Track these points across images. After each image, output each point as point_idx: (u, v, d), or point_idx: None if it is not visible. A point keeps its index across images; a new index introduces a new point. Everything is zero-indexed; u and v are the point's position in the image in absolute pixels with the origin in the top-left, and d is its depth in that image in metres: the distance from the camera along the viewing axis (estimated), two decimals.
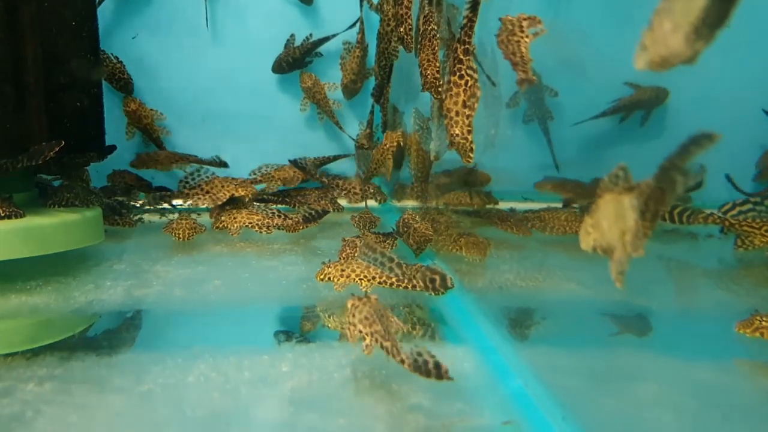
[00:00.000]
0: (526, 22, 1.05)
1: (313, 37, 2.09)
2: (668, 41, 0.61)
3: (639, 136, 2.17)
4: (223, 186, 1.71)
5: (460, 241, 1.43)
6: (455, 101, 1.06)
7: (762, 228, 1.47)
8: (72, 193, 1.41)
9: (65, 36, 1.32)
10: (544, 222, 1.68)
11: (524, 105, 2.12)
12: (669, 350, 0.98)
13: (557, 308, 1.16)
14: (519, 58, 1.03)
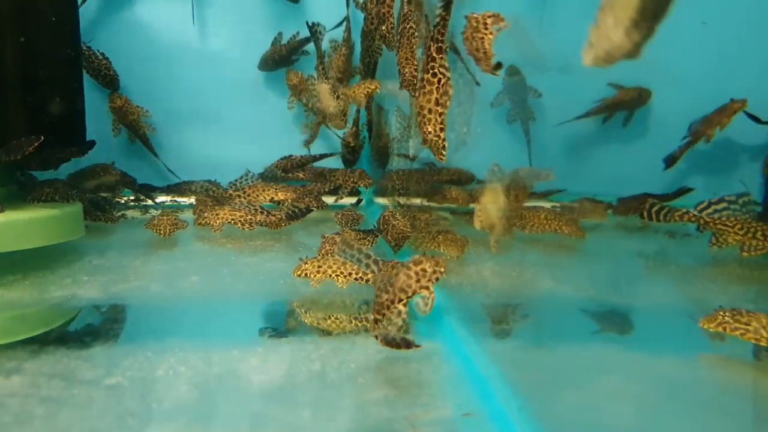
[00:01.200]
0: (490, 19, 1.06)
1: (300, 35, 2.10)
2: (611, 36, 0.63)
3: (622, 136, 2.18)
4: (264, 190, 1.74)
5: (438, 238, 1.44)
6: (428, 99, 1.07)
7: (735, 226, 1.48)
8: (52, 189, 1.42)
9: (45, 32, 1.32)
10: (524, 220, 1.69)
11: (508, 105, 2.13)
12: (637, 345, 0.99)
13: (529, 304, 1.17)
14: (482, 54, 1.04)
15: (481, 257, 1.40)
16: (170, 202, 2.03)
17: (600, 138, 2.21)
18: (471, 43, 1.05)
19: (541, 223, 1.66)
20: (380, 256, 1.36)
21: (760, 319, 0.96)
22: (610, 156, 2.21)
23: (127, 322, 1.02)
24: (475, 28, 1.05)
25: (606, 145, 2.21)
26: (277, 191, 1.77)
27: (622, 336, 1.04)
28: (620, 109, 2.12)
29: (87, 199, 1.61)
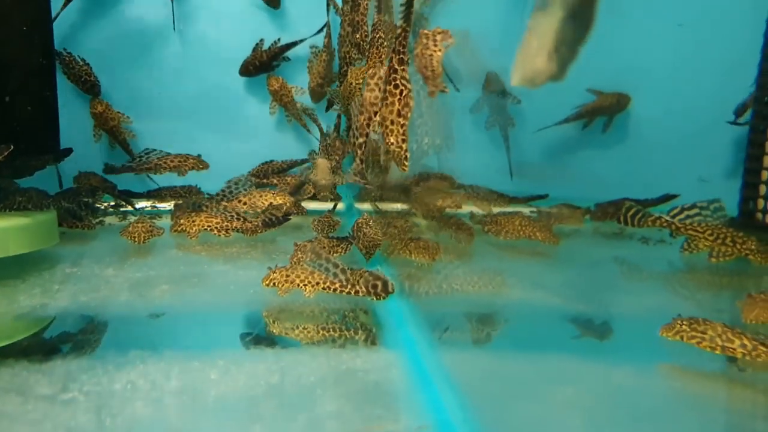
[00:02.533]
0: (439, 36, 1.07)
1: (281, 41, 2.10)
2: (535, 60, 0.64)
3: (601, 142, 2.20)
4: (261, 196, 1.75)
5: (410, 245, 1.45)
6: (390, 110, 1.08)
7: (706, 232, 1.50)
8: (25, 197, 1.42)
9: (16, 41, 1.32)
10: (499, 226, 1.70)
11: (487, 111, 2.14)
12: (597, 355, 1.00)
13: (495, 313, 1.18)
14: (430, 71, 1.05)
15: (452, 264, 1.41)
16: (150, 207, 2.04)
17: (580, 143, 2.22)
18: (420, 60, 1.06)
19: (515, 229, 1.67)
20: (353, 263, 1.39)
21: (716, 328, 0.97)
22: (590, 161, 2.22)
23: (92, 334, 1.03)
24: (425, 45, 1.06)
25: (586, 151, 2.22)
26: (275, 196, 1.77)
27: (583, 345, 1.05)
28: (599, 114, 2.13)
29: (63, 207, 1.61)
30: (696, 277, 1.45)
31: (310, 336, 1.04)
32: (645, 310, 1.20)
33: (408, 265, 1.41)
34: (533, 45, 0.66)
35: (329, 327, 1.07)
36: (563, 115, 2.13)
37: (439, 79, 1.06)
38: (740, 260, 1.48)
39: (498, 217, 1.74)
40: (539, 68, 0.65)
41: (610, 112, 2.13)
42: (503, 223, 1.70)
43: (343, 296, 1.13)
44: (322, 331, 1.06)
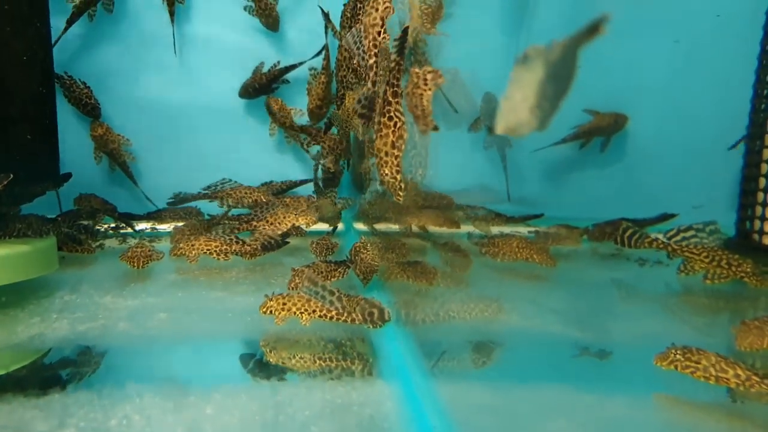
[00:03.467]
0: (429, 75, 1.08)
1: (281, 64, 2.12)
2: (518, 111, 0.66)
3: (599, 162, 2.21)
4: (285, 217, 1.74)
5: (408, 270, 1.46)
6: (385, 142, 1.09)
7: (702, 254, 1.50)
8: (24, 224, 1.43)
9: (16, 70, 1.34)
10: (497, 248, 1.71)
11: (485, 131, 2.16)
12: (590, 384, 1.00)
13: (492, 342, 1.18)
14: (420, 111, 1.06)
15: (449, 289, 1.41)
16: (150, 229, 2.05)
17: (577, 163, 2.23)
18: (410, 99, 1.08)
19: (512, 251, 1.68)
20: (351, 288, 1.39)
21: (710, 358, 0.97)
22: (587, 181, 2.23)
23: (89, 366, 1.03)
24: (416, 84, 1.07)
25: (583, 171, 2.23)
26: (298, 217, 1.78)
27: (579, 375, 1.05)
28: (597, 135, 2.14)
29: (63, 233, 1.62)
30: (692, 300, 1.45)
31: (307, 366, 1.04)
32: (641, 337, 1.20)
33: (405, 290, 1.42)
34: (516, 97, 0.67)
35: (326, 357, 1.07)
36: (560, 136, 2.13)
37: (430, 117, 1.07)
38: (737, 282, 1.48)
39: (495, 239, 1.75)
40: (522, 121, 0.67)
41: (608, 132, 2.14)
42: (500, 245, 1.71)
43: (340, 324, 1.14)
44: (318, 361, 1.06)
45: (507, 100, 0.69)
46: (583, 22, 2.05)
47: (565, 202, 2.20)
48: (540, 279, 1.59)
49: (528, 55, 0.68)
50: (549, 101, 0.64)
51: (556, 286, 1.55)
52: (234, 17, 2.12)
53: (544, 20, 2.11)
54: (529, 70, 0.65)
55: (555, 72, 0.63)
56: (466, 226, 2.04)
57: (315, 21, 2.09)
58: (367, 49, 1.23)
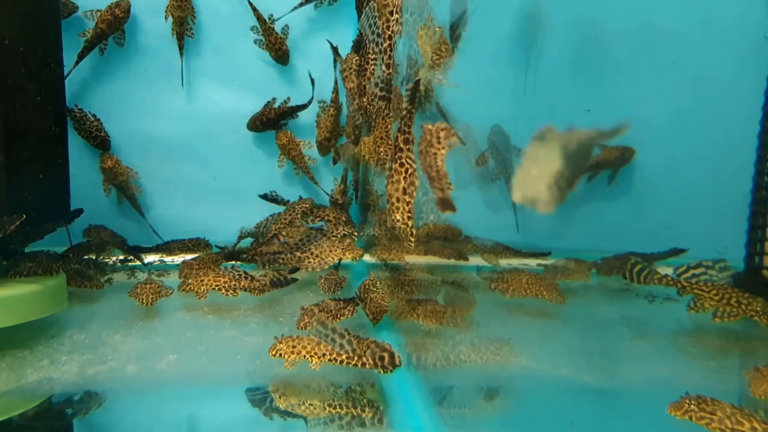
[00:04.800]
0: (443, 132, 1.09)
1: (291, 102, 2.14)
2: (533, 186, 0.66)
3: (607, 195, 2.21)
4: (331, 250, 1.73)
5: (418, 309, 1.45)
6: (396, 188, 1.09)
7: (711, 292, 1.50)
8: (34, 262, 1.44)
9: (29, 111, 1.35)
10: (506, 283, 1.70)
11: (492, 163, 2.16)
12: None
13: (502, 387, 1.17)
14: (435, 172, 1.06)
15: (459, 330, 1.41)
16: (158, 262, 2.05)
17: (585, 196, 2.22)
18: (424, 158, 1.08)
19: (522, 287, 1.68)
20: (360, 326, 1.39)
21: (725, 409, 0.96)
22: (596, 213, 2.23)
23: (96, 413, 1.03)
24: (429, 142, 1.08)
25: (591, 203, 2.23)
26: (345, 251, 1.77)
27: (588, 424, 1.04)
28: (604, 168, 2.14)
29: (72, 269, 1.62)
30: (704, 340, 1.44)
31: (316, 413, 1.04)
32: (653, 381, 1.19)
33: (415, 330, 1.42)
34: (532, 172, 0.68)
35: (335, 404, 1.07)
36: None
37: (446, 179, 1.07)
38: (748, 321, 1.47)
39: (505, 274, 1.74)
40: (537, 198, 0.68)
41: (615, 165, 2.14)
42: (510, 280, 1.70)
43: (350, 368, 1.13)
44: (328, 408, 1.05)
45: (523, 173, 0.69)
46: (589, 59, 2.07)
47: (574, 235, 2.20)
48: (550, 317, 1.58)
49: (546, 136, 0.68)
50: (564, 181, 0.64)
51: (566, 325, 1.54)
52: (244, 51, 2.14)
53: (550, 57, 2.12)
54: (546, 149, 0.66)
55: (570, 159, 0.64)
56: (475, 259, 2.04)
57: (324, 55, 2.11)
58: (382, 31, 1.24)
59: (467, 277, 1.86)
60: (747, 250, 1.84)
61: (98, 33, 2.01)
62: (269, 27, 2.09)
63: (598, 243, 2.12)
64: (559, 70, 2.13)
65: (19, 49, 1.32)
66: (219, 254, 1.88)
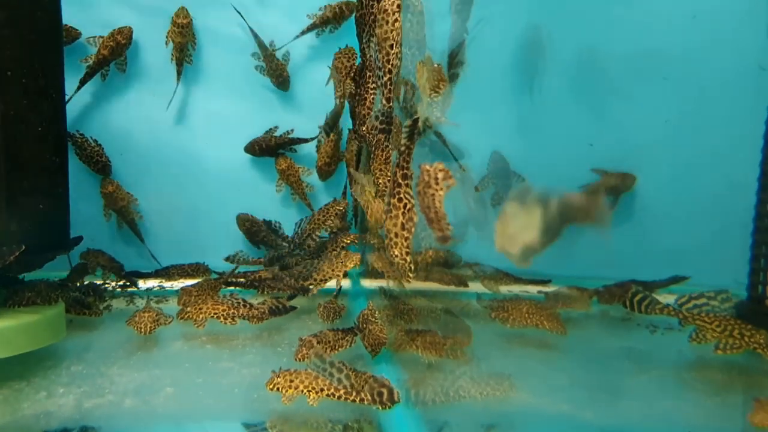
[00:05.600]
0: (441, 173, 1.09)
1: (294, 133, 2.15)
2: (510, 241, 0.68)
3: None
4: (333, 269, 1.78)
5: (417, 340, 1.44)
6: (395, 223, 1.09)
7: (713, 323, 1.49)
8: (33, 292, 1.43)
9: (30, 142, 1.36)
10: (506, 312, 1.70)
11: (492, 188, 2.16)
12: None
13: (501, 424, 1.16)
14: (434, 213, 1.06)
15: (458, 363, 1.39)
16: (157, 288, 2.05)
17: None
18: (422, 199, 1.08)
19: (522, 316, 1.66)
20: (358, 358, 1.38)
21: None
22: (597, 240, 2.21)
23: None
24: (427, 183, 1.08)
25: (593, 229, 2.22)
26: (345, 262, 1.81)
27: None
28: (605, 194, 2.14)
29: (71, 297, 1.62)
30: (706, 374, 1.43)
31: None
32: (654, 418, 1.18)
33: (414, 362, 1.40)
34: (508, 231, 0.69)
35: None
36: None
37: (444, 221, 1.07)
38: (751, 353, 1.46)
39: (505, 302, 1.73)
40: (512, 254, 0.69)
41: (616, 192, 2.14)
42: (510, 309, 1.69)
43: (348, 404, 1.12)
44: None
45: (500, 229, 0.71)
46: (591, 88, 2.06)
47: (574, 261, 2.19)
48: (550, 348, 1.57)
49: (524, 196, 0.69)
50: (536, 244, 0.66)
51: (567, 357, 1.53)
52: (244, 76, 2.15)
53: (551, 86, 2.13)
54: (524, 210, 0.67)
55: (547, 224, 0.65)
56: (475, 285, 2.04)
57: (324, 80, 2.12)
58: (382, 65, 1.25)
59: (467, 305, 1.85)
60: (750, 280, 1.83)
61: (100, 59, 2.02)
62: (270, 54, 2.11)
63: (600, 270, 2.11)
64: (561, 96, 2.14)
65: (22, 81, 1.33)
66: (218, 280, 1.88)
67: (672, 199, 2.13)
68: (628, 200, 2.16)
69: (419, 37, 1.31)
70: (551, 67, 2.10)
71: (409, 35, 1.29)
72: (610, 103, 2.16)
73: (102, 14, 2.07)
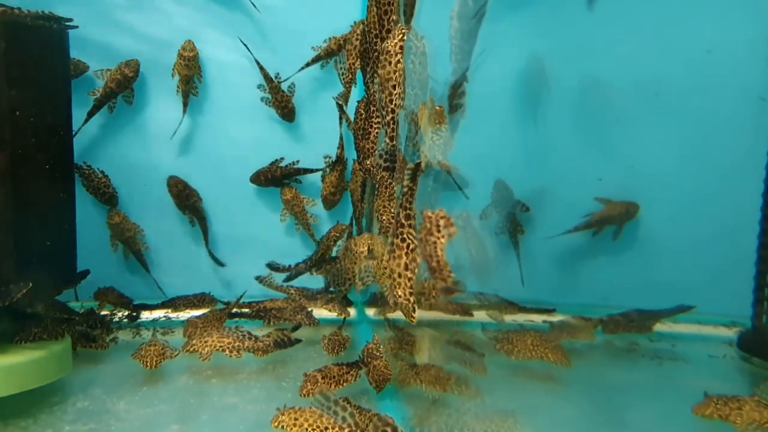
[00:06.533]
0: (442, 221, 1.10)
1: (299, 164, 2.17)
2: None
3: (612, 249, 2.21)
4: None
5: (421, 374, 1.45)
6: (398, 263, 1.10)
7: None
8: (40, 327, 1.44)
9: (38, 179, 1.38)
10: (511, 344, 1.70)
11: (495, 218, 2.17)
12: None
13: None
14: (435, 263, 1.07)
15: (463, 398, 1.39)
16: (164, 318, 2.06)
17: (590, 250, 2.22)
18: (425, 247, 1.10)
19: (527, 348, 1.67)
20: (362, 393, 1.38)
21: None
22: (601, 268, 2.23)
23: None
24: (429, 231, 1.09)
25: (596, 258, 2.23)
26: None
27: None
28: (608, 223, 2.15)
29: (77, 331, 1.63)
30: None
31: None
32: None
33: (419, 397, 1.41)
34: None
35: None
36: (573, 223, 2.14)
37: (447, 269, 1.08)
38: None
39: (510, 334, 1.74)
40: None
41: (620, 221, 2.15)
42: (515, 341, 1.70)
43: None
44: None
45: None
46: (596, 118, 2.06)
47: (578, 289, 2.20)
48: (555, 381, 1.57)
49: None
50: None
51: (572, 391, 1.53)
52: (250, 108, 2.17)
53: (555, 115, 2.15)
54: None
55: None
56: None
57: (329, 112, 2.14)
58: (385, 104, 1.26)
59: (472, 336, 1.85)
60: (754, 309, 1.83)
61: (108, 92, 2.05)
62: (276, 85, 2.13)
63: (604, 298, 2.12)
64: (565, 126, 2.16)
65: (30, 120, 1.35)
66: (223, 311, 1.89)
67: (676, 228, 2.13)
68: (631, 229, 2.17)
69: (422, 77, 1.33)
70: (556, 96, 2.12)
71: (412, 76, 1.31)
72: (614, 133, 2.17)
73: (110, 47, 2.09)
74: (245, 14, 2.15)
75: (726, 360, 1.79)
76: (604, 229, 2.17)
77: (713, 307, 2.03)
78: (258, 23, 2.15)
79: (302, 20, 2.15)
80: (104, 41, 2.09)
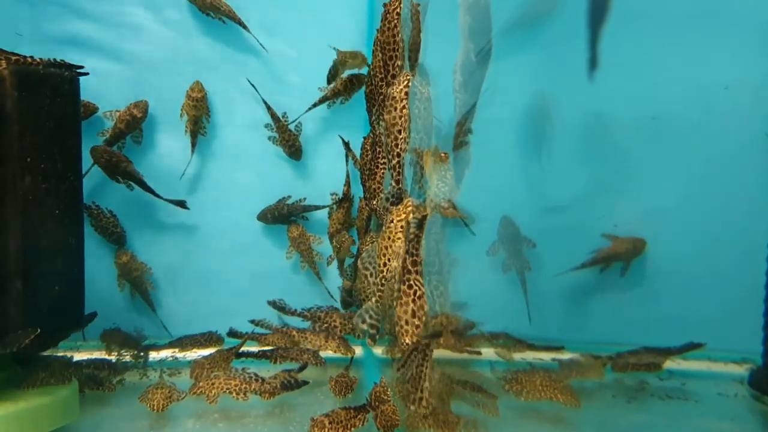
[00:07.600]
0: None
1: (306, 201, 2.18)
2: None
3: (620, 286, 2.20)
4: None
5: (429, 419, 1.44)
6: (405, 310, 1.10)
7: None
8: (47, 372, 1.44)
9: (47, 225, 1.38)
10: (520, 385, 1.69)
11: (503, 254, 2.17)
12: None
13: None
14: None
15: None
16: (171, 358, 2.05)
17: (598, 287, 2.22)
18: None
19: (536, 389, 1.65)
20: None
21: None
22: (608, 305, 2.21)
23: None
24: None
25: (604, 294, 2.22)
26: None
27: None
28: (616, 260, 2.14)
29: (84, 375, 1.63)
30: None
31: None
32: None
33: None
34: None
35: None
36: (580, 260, 2.14)
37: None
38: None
39: (519, 374, 1.73)
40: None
41: (626, 257, 2.14)
42: (524, 381, 1.68)
43: None
44: None
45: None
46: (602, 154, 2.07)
47: (586, 327, 2.19)
48: (564, 423, 1.55)
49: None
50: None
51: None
52: (257, 146, 2.19)
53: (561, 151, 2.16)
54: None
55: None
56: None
57: (336, 151, 2.16)
58: (391, 149, 1.28)
59: (480, 375, 1.84)
60: (764, 347, 1.82)
61: (117, 133, 2.07)
62: (283, 124, 2.15)
63: (612, 335, 2.10)
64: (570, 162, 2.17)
65: (41, 166, 1.36)
66: (230, 351, 1.88)
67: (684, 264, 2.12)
68: (638, 265, 2.16)
69: (427, 122, 1.35)
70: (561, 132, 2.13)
71: (417, 121, 1.33)
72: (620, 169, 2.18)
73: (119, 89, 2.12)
74: (254, 54, 2.18)
75: (738, 399, 1.77)
76: (612, 266, 2.16)
77: (723, 343, 2.01)
78: (266, 63, 2.18)
79: (310, 63, 2.17)
80: (113, 82, 2.12)
